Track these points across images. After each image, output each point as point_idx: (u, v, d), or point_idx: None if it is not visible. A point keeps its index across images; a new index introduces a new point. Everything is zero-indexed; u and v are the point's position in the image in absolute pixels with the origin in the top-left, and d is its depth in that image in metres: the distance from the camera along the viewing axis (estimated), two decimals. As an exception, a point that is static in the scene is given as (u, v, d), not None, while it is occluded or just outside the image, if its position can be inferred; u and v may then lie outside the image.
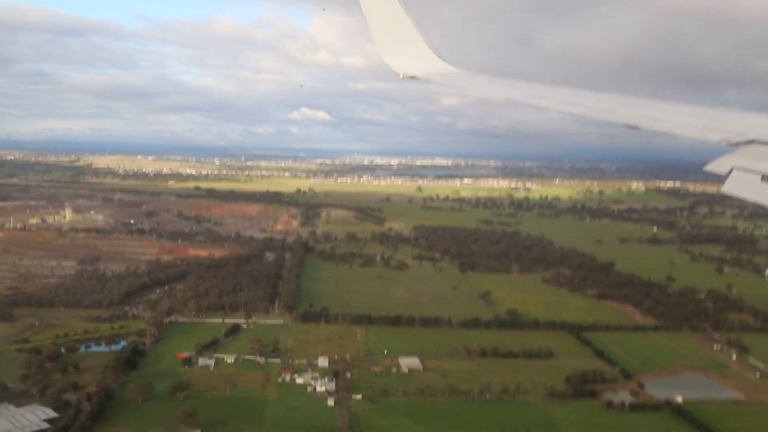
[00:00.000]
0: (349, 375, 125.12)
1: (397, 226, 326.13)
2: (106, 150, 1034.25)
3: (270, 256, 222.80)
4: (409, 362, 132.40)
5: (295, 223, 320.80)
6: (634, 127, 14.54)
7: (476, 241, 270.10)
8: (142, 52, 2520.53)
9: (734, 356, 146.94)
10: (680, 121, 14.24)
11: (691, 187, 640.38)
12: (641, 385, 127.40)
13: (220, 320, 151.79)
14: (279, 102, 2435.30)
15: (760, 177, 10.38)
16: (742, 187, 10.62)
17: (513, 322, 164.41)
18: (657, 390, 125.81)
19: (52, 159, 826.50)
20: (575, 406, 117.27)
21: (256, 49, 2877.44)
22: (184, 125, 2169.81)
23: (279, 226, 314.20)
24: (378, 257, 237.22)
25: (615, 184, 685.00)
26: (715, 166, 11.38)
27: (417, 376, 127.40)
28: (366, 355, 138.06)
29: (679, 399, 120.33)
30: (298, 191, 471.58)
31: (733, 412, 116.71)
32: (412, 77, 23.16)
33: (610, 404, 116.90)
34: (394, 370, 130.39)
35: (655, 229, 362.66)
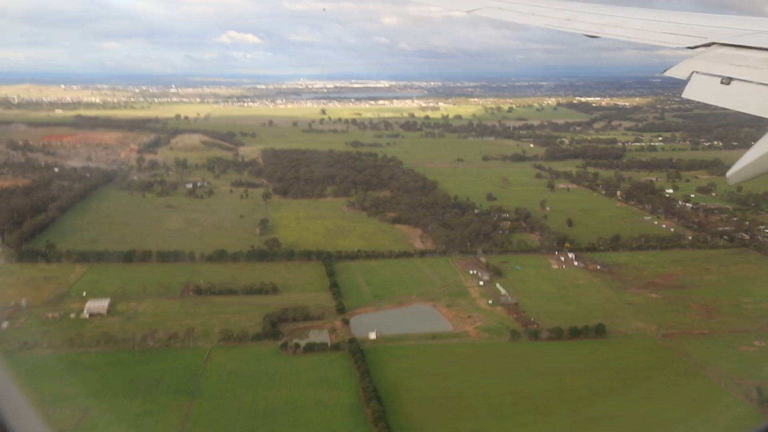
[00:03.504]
0: (5, 325, 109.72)
1: (249, 150, 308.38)
2: (44, 80, 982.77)
3: (59, 185, 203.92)
4: (95, 306, 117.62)
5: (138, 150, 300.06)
6: (594, 36, 14.12)
7: (313, 164, 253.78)
8: None
9: (481, 282, 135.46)
10: (640, 27, 13.99)
11: (604, 101, 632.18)
12: (346, 321, 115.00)
13: None
14: (216, 25, 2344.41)
15: (719, 80, 10.04)
16: (702, 91, 10.24)
17: (267, 252, 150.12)
18: (362, 326, 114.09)
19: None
20: (247, 350, 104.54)
21: None
22: (125, 52, 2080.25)
23: (123, 154, 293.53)
24: (190, 185, 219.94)
25: (531, 100, 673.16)
26: (675, 72, 10.91)
27: (93, 322, 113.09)
28: (58, 299, 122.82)
29: (373, 336, 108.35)
30: (177, 117, 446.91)
31: (418, 347, 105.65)
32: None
33: (284, 346, 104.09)
34: (73, 315, 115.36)
35: (531, 145, 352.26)
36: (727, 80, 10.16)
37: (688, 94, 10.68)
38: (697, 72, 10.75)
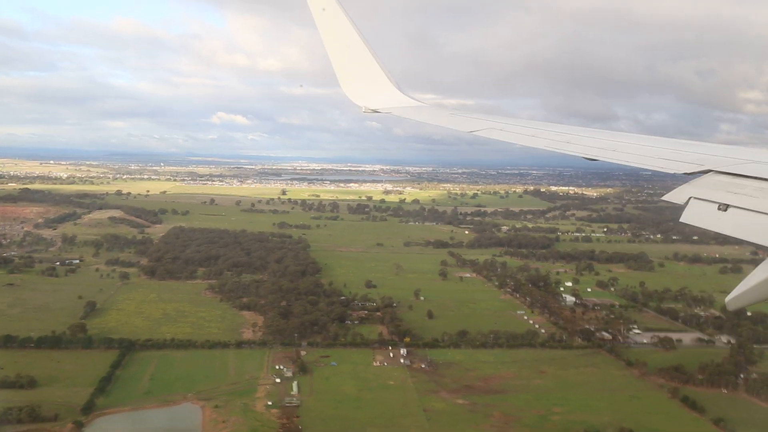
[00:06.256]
0: None
1: (161, 228, 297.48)
2: (46, 156, 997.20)
3: None
4: None
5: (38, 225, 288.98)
6: (593, 159, 14.71)
7: (206, 245, 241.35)
8: (56, 54, 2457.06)
9: (278, 379, 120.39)
10: (637, 152, 14.49)
11: (572, 191, 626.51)
12: (80, 425, 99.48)
13: None
14: (214, 107, 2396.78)
15: (716, 206, 10.35)
16: (700, 216, 10.46)
17: (61, 339, 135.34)
18: (96, 428, 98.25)
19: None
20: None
21: (168, 51, 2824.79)
22: (128, 131, 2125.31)
23: (26, 228, 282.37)
24: (58, 262, 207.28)
25: (504, 187, 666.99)
26: (673, 197, 11.31)
27: None
28: None
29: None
30: (119, 193, 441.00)
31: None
32: (374, 111, 23.24)
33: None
34: None
35: (466, 232, 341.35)
36: (724, 207, 10.20)
37: (685, 218, 10.62)
38: (695, 198, 10.83)
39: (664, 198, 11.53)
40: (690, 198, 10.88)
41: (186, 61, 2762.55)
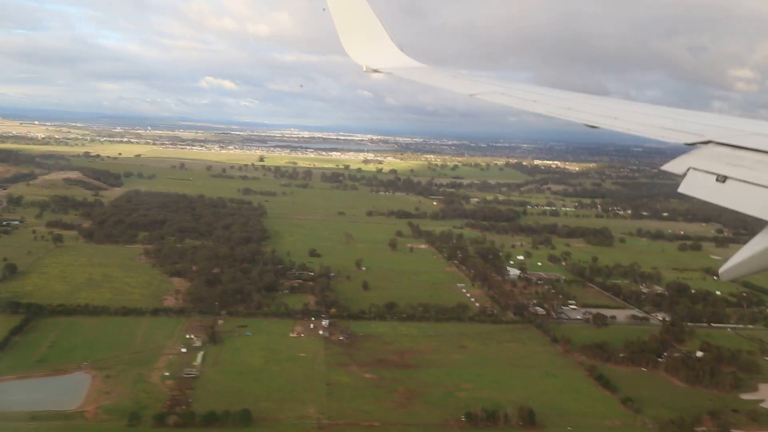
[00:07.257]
0: None
1: (119, 191, 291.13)
2: (36, 117, 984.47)
3: None
4: None
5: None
6: (594, 127, 14.47)
7: (156, 209, 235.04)
8: (42, 11, 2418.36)
9: (184, 349, 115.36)
10: (639, 121, 14.30)
11: (554, 165, 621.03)
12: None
13: None
14: (204, 71, 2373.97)
15: (714, 177, 10.23)
16: (698, 187, 10.36)
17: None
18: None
19: None
20: None
21: (155, 12, 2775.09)
22: (121, 94, 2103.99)
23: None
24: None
25: (487, 159, 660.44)
26: (672, 167, 11.09)
27: None
28: None
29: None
30: (87, 155, 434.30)
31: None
32: (375, 70, 22.88)
33: None
34: None
35: (434, 203, 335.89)
36: (722, 178, 10.10)
37: (683, 189, 10.46)
38: (694, 168, 10.68)
39: (664, 168, 11.29)
40: (689, 168, 10.67)
41: (174, 24, 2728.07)
